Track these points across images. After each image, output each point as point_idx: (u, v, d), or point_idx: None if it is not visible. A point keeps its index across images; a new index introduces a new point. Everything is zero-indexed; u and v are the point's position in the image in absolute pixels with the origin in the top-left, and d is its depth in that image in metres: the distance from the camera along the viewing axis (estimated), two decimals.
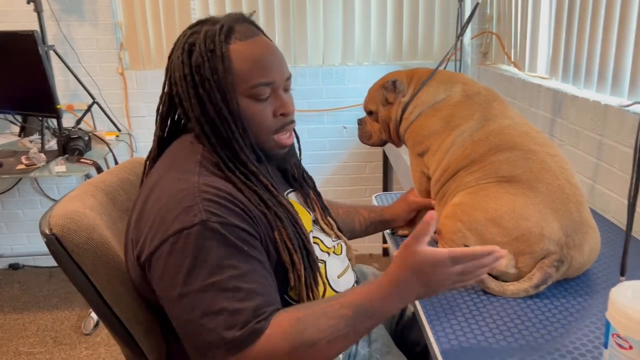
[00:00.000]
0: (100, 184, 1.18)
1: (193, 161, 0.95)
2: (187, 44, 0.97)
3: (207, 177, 0.92)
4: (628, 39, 1.50)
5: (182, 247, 0.84)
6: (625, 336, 0.67)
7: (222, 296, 0.83)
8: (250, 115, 0.97)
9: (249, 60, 0.96)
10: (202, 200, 0.87)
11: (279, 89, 1.00)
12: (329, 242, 1.13)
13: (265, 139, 1.01)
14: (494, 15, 2.68)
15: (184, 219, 0.85)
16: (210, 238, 0.85)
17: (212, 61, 0.94)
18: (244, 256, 0.87)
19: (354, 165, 3.15)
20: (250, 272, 0.87)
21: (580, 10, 1.75)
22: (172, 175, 0.93)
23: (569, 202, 1.10)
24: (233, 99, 0.95)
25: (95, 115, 2.88)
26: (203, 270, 0.84)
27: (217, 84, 0.94)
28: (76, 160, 2.34)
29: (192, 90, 0.95)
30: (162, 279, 0.87)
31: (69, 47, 2.83)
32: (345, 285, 1.11)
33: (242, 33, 0.98)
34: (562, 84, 1.90)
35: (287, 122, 1.03)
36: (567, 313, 1.04)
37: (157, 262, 0.87)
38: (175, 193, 0.89)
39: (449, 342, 0.96)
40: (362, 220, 1.42)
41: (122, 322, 0.98)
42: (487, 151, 1.19)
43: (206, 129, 0.96)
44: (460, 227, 1.13)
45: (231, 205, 0.89)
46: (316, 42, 2.92)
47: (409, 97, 1.36)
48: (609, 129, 1.54)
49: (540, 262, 1.07)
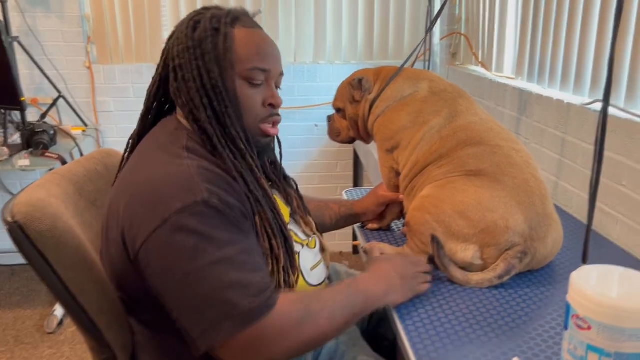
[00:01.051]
0: (67, 174, 1.16)
1: (179, 146, 0.96)
2: (192, 21, 1.00)
3: (198, 160, 0.93)
4: (589, 40, 1.55)
5: (185, 225, 0.84)
6: (585, 317, 0.69)
7: (232, 269, 0.85)
8: (242, 97, 1.00)
9: (250, 45, 1.00)
10: (201, 180, 0.88)
11: (272, 80, 1.04)
12: (302, 235, 1.14)
13: (251, 125, 1.02)
14: (463, 16, 2.73)
15: (186, 198, 0.86)
16: (213, 216, 0.86)
17: (214, 38, 0.98)
18: (243, 233, 0.90)
19: (325, 163, 3.16)
20: (251, 248, 0.91)
21: (544, 13, 1.80)
22: (162, 159, 0.94)
23: (533, 196, 1.13)
24: (229, 75, 0.98)
25: (61, 109, 2.81)
26: (210, 246, 0.85)
27: (217, 59, 0.97)
28: (41, 154, 2.29)
29: (194, 62, 0.97)
30: (162, 260, 0.86)
31: (34, 39, 2.76)
32: (318, 278, 1.12)
33: (246, 22, 1.03)
34: (528, 83, 1.95)
35: (274, 114, 1.06)
36: (530, 302, 1.06)
37: (156, 244, 0.86)
38: (170, 174, 0.90)
39: (417, 331, 0.98)
40: (332, 214, 1.43)
41: (86, 312, 0.96)
42: (455, 146, 1.22)
43: (204, 100, 0.97)
44: (428, 219, 1.15)
45: (226, 186, 0.91)
46: (288, 39, 2.92)
47: (375, 94, 1.38)
48: (571, 127, 1.59)
49: (505, 253, 1.10)
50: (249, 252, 0.89)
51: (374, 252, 1.23)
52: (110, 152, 1.32)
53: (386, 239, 1.38)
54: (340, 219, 1.44)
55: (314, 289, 1.09)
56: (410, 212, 1.21)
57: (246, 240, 0.90)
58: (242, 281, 0.85)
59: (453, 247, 1.13)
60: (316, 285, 1.11)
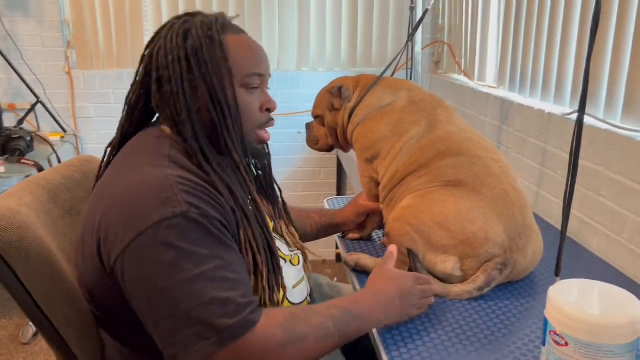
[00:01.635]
0: (42, 181, 1.13)
1: (161, 155, 0.92)
2: (180, 29, 0.96)
3: (178, 171, 0.89)
4: (570, 52, 1.56)
5: (162, 238, 0.81)
6: (562, 333, 0.68)
7: (210, 286, 0.81)
8: (242, 105, 0.98)
9: (245, 50, 0.98)
10: (180, 191, 0.84)
11: (265, 86, 1.04)
12: (286, 250, 1.12)
13: (250, 131, 1.01)
14: (446, 25, 2.74)
15: (164, 210, 0.82)
16: (193, 229, 0.83)
17: (209, 46, 0.94)
18: (224, 246, 0.86)
19: (308, 170, 3.14)
20: (232, 262, 0.87)
21: (525, 23, 1.81)
22: (141, 167, 0.90)
23: (513, 206, 1.12)
24: (229, 84, 0.95)
25: (40, 115, 2.76)
26: (189, 262, 0.81)
27: (215, 69, 0.94)
28: (17, 161, 2.24)
29: (186, 74, 0.93)
30: (140, 273, 0.82)
31: (12, 43, 2.71)
32: (300, 296, 1.09)
33: (234, 28, 1.00)
34: (509, 93, 1.96)
35: (270, 118, 1.05)
36: (510, 314, 1.05)
37: (131, 258, 0.82)
38: (148, 184, 0.86)
39: (396, 345, 0.96)
40: (313, 224, 1.41)
41: (53, 324, 0.93)
42: (434, 157, 1.21)
43: (193, 115, 0.94)
44: (408, 230, 1.14)
45: (207, 198, 0.87)
46: (271, 46, 2.91)
47: (354, 102, 1.37)
48: (552, 137, 1.59)
49: (485, 265, 1.09)
50: (230, 266, 0.85)
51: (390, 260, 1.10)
52: (89, 159, 1.29)
53: (366, 249, 1.37)
54: (321, 228, 1.42)
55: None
56: (390, 222, 1.20)
57: (227, 253, 0.86)
58: (221, 298, 0.81)
59: (433, 259, 1.12)
60: (298, 304, 1.08)
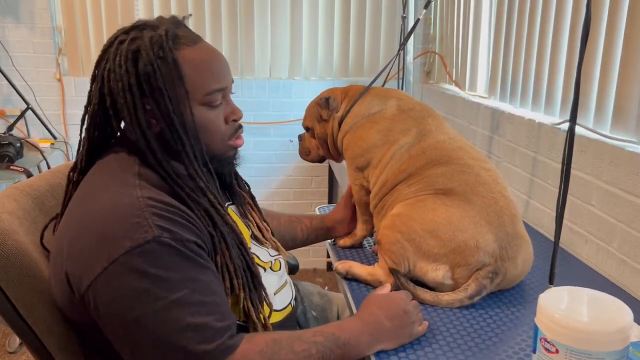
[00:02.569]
0: (27, 188, 1.11)
1: (131, 174, 0.89)
2: (129, 51, 0.89)
3: (149, 191, 0.86)
4: (560, 62, 1.58)
5: (135, 266, 0.79)
6: (552, 340, 0.68)
7: (187, 312, 0.80)
8: (204, 124, 0.94)
9: (201, 67, 0.92)
10: (151, 215, 0.81)
11: (228, 95, 1.00)
12: (266, 256, 1.10)
13: (221, 146, 0.99)
14: (437, 35, 2.76)
15: (134, 237, 0.79)
16: (166, 254, 0.80)
17: (162, 69, 0.88)
18: (201, 269, 0.84)
19: (300, 179, 3.14)
20: (209, 284, 0.85)
21: (516, 34, 1.83)
22: (110, 188, 0.87)
23: (503, 215, 1.12)
24: (187, 108, 0.90)
25: (30, 121, 2.75)
26: (163, 289, 0.79)
27: (170, 93, 0.88)
28: (5, 167, 2.22)
29: (140, 101, 0.88)
30: (113, 303, 0.80)
31: (2, 49, 2.69)
32: (282, 302, 1.08)
33: (187, 38, 0.93)
34: (500, 102, 1.97)
35: (238, 127, 1.02)
36: (500, 322, 1.05)
37: (105, 285, 0.80)
38: (117, 208, 0.82)
39: (386, 352, 0.96)
40: (304, 227, 1.41)
41: (35, 333, 0.92)
42: (424, 165, 1.21)
43: (152, 144, 0.89)
44: (399, 238, 1.14)
45: (180, 219, 0.84)
46: (263, 55, 2.91)
47: (342, 112, 1.38)
48: (542, 146, 1.60)
49: (476, 273, 1.09)
50: (207, 288, 0.83)
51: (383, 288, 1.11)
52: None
53: (357, 257, 1.37)
54: (312, 232, 1.42)
55: (278, 313, 1.05)
56: (381, 230, 1.20)
57: (204, 275, 0.84)
58: (198, 324, 0.80)
59: (424, 267, 1.12)
60: (280, 310, 1.07)
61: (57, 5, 2.75)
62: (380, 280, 1.17)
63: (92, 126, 0.96)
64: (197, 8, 2.79)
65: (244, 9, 2.83)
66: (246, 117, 3.31)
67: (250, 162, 3.25)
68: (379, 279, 1.17)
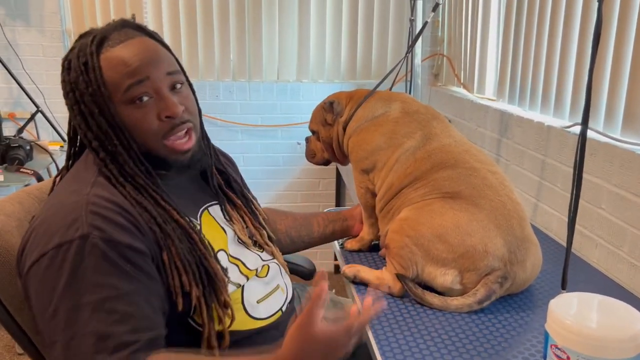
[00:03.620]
0: (35, 192, 1.14)
1: (92, 172, 0.93)
2: (66, 60, 0.94)
3: (101, 188, 0.89)
4: (569, 64, 1.57)
5: (59, 263, 0.81)
6: (563, 347, 0.67)
7: (94, 317, 0.79)
8: (132, 122, 0.92)
9: (117, 64, 0.91)
10: (88, 213, 0.83)
11: (162, 88, 0.93)
12: (253, 262, 1.07)
13: (156, 145, 0.94)
14: (445, 38, 2.75)
15: (65, 233, 0.82)
16: (89, 254, 0.81)
17: (85, 74, 0.90)
18: (125, 276, 0.82)
19: (307, 181, 3.14)
20: (131, 294, 0.82)
21: (525, 36, 1.81)
22: (67, 187, 0.92)
23: (511, 218, 1.12)
24: (110, 110, 0.91)
25: (39, 124, 2.76)
26: (78, 289, 0.80)
27: (93, 97, 0.90)
28: (15, 170, 2.23)
29: (76, 106, 0.92)
30: (36, 295, 0.83)
31: (12, 53, 2.71)
32: (266, 311, 1.04)
33: (115, 39, 0.93)
34: (509, 105, 1.96)
35: (177, 124, 0.94)
36: (510, 327, 1.05)
37: (33, 277, 0.83)
38: (64, 205, 0.87)
39: (394, 358, 0.95)
40: (319, 220, 1.40)
41: (24, 332, 0.95)
42: (430, 169, 1.21)
43: (94, 144, 0.92)
44: (407, 242, 1.14)
45: (120, 219, 0.85)
46: (271, 58, 2.91)
47: (347, 116, 1.38)
48: (551, 149, 1.59)
49: (485, 278, 1.09)
50: (124, 298, 0.81)
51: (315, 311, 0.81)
52: None
53: (365, 261, 1.36)
54: (329, 223, 1.41)
55: (261, 322, 1.02)
56: (389, 234, 1.19)
57: (127, 283, 0.82)
58: (102, 332, 0.78)
59: (432, 272, 1.12)
60: (265, 318, 1.03)
61: (67, 9, 2.77)
62: (389, 285, 1.16)
63: (68, 134, 1.01)
64: (205, 11, 2.80)
65: (252, 12, 2.83)
66: (253, 120, 3.34)
67: (257, 165, 3.29)
68: (387, 283, 1.17)
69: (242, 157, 3.01)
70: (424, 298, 1.10)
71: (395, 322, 1.06)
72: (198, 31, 2.82)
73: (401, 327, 1.04)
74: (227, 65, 2.89)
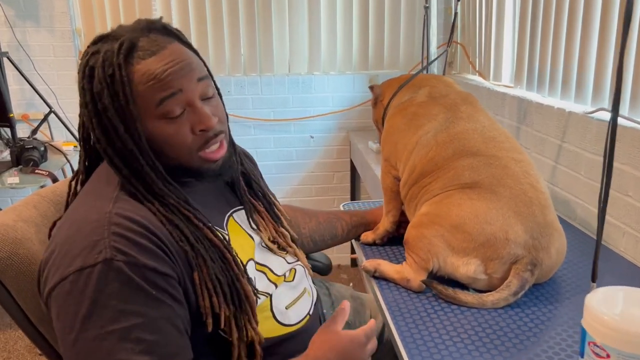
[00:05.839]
0: (50, 194, 1.12)
1: (113, 185, 0.87)
2: (87, 67, 0.86)
3: (123, 205, 0.84)
4: (591, 46, 1.52)
5: (81, 288, 0.77)
6: (602, 344, 0.64)
7: (120, 347, 0.75)
8: (165, 138, 0.87)
9: (149, 79, 0.85)
10: (110, 234, 0.79)
11: (195, 100, 0.88)
12: (280, 267, 1.05)
13: (189, 158, 0.91)
14: (459, 24, 2.70)
15: (87, 256, 0.77)
16: (114, 279, 0.77)
17: (112, 87, 0.83)
18: (151, 301, 0.79)
19: (322, 175, 3.12)
20: (158, 320, 0.79)
21: (543, 18, 1.76)
22: (88, 202, 0.86)
23: (532, 205, 1.08)
24: (138, 128, 0.85)
25: (53, 124, 2.77)
26: (102, 316, 0.76)
27: (119, 113, 0.84)
28: (30, 171, 2.24)
29: (95, 119, 0.85)
30: (58, 319, 0.79)
31: (24, 54, 2.72)
32: (296, 316, 1.02)
33: (145, 50, 0.86)
34: (527, 92, 1.91)
35: (211, 137, 0.91)
36: (538, 321, 1.01)
37: (55, 300, 0.79)
38: (85, 223, 0.81)
39: (420, 355, 0.93)
40: (344, 224, 1.38)
41: (48, 341, 0.93)
42: (452, 155, 1.19)
43: (115, 161, 0.86)
44: (426, 234, 1.11)
45: (144, 241, 0.80)
46: (282, 51, 2.88)
47: (386, 102, 1.42)
48: (574, 136, 1.55)
49: (514, 267, 1.05)
50: (151, 325, 0.78)
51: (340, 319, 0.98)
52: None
53: (385, 255, 1.34)
54: (352, 228, 1.39)
55: (290, 328, 1.00)
56: (408, 229, 1.17)
57: (152, 310, 0.78)
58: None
59: (455, 262, 1.09)
60: (295, 324, 1.01)
61: (76, 8, 2.76)
62: (408, 279, 1.14)
63: (82, 137, 0.95)
64: (214, 5, 2.77)
65: (262, 4, 2.80)
66: (265, 114, 3.33)
67: (271, 159, 3.28)
68: (407, 277, 1.14)
69: (256, 152, 2.99)
70: (457, 297, 1.07)
71: (420, 319, 1.03)
72: (207, 27, 2.80)
73: (426, 324, 1.02)
74: (237, 60, 2.87)
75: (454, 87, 1.36)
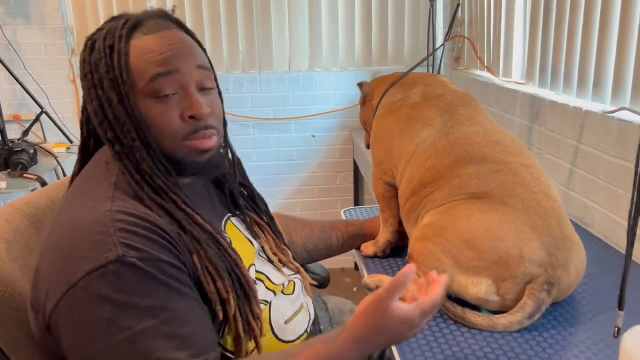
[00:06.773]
0: (23, 207, 1.02)
1: (107, 184, 0.81)
2: (90, 40, 0.86)
3: (122, 202, 0.78)
4: (610, 40, 1.40)
5: (97, 291, 0.70)
6: None
7: (155, 345, 0.71)
8: (152, 118, 0.82)
9: (146, 52, 0.82)
10: (117, 231, 0.73)
11: (190, 84, 0.84)
12: (278, 278, 0.99)
13: (174, 146, 0.84)
14: (466, 18, 2.59)
15: (96, 257, 0.71)
16: (131, 277, 0.71)
17: (109, 58, 0.82)
18: (175, 294, 0.75)
19: (324, 175, 3.02)
20: (184, 312, 0.75)
21: (557, 11, 1.65)
22: (81, 203, 0.80)
23: (548, 218, 0.98)
24: (131, 100, 0.81)
25: (45, 125, 2.68)
26: (129, 317, 0.70)
27: (113, 83, 0.81)
28: (19, 176, 2.15)
29: (93, 90, 0.83)
30: (75, 333, 0.71)
31: (14, 53, 2.63)
32: (294, 332, 0.95)
33: (149, 27, 0.85)
34: (540, 89, 1.80)
35: (201, 127, 0.85)
36: (558, 347, 0.91)
37: (67, 311, 0.71)
38: (83, 225, 0.75)
39: None
40: (339, 234, 1.31)
41: None
42: (454, 163, 1.09)
43: (109, 135, 0.82)
44: (433, 250, 1.01)
45: (153, 236, 0.75)
46: (282, 47, 2.79)
47: (376, 102, 1.31)
48: (592, 137, 1.44)
49: (529, 287, 0.95)
50: (180, 319, 0.74)
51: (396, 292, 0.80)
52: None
53: (389, 269, 1.23)
54: (348, 239, 1.32)
55: (288, 345, 0.92)
56: (413, 242, 1.07)
57: (177, 302, 0.75)
58: (168, 359, 0.71)
59: (463, 281, 0.99)
60: (292, 341, 0.94)
61: (69, 5, 2.68)
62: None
63: (81, 123, 0.92)
64: (211, 2, 2.68)
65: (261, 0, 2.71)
66: (265, 113, 3.24)
67: (271, 160, 3.18)
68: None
69: (255, 152, 2.90)
70: (466, 318, 0.97)
71: (424, 338, 0.94)
72: (205, 23, 2.71)
73: (433, 351, 0.91)
74: (236, 57, 2.77)
75: (450, 86, 1.26)
